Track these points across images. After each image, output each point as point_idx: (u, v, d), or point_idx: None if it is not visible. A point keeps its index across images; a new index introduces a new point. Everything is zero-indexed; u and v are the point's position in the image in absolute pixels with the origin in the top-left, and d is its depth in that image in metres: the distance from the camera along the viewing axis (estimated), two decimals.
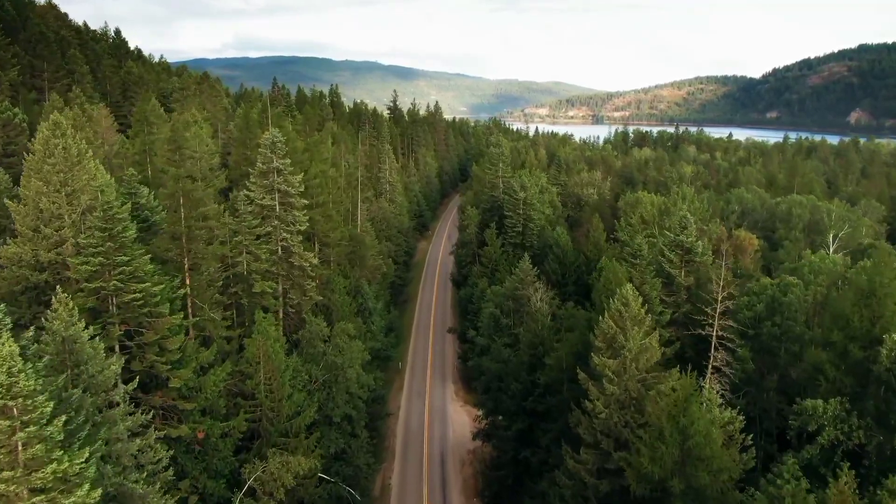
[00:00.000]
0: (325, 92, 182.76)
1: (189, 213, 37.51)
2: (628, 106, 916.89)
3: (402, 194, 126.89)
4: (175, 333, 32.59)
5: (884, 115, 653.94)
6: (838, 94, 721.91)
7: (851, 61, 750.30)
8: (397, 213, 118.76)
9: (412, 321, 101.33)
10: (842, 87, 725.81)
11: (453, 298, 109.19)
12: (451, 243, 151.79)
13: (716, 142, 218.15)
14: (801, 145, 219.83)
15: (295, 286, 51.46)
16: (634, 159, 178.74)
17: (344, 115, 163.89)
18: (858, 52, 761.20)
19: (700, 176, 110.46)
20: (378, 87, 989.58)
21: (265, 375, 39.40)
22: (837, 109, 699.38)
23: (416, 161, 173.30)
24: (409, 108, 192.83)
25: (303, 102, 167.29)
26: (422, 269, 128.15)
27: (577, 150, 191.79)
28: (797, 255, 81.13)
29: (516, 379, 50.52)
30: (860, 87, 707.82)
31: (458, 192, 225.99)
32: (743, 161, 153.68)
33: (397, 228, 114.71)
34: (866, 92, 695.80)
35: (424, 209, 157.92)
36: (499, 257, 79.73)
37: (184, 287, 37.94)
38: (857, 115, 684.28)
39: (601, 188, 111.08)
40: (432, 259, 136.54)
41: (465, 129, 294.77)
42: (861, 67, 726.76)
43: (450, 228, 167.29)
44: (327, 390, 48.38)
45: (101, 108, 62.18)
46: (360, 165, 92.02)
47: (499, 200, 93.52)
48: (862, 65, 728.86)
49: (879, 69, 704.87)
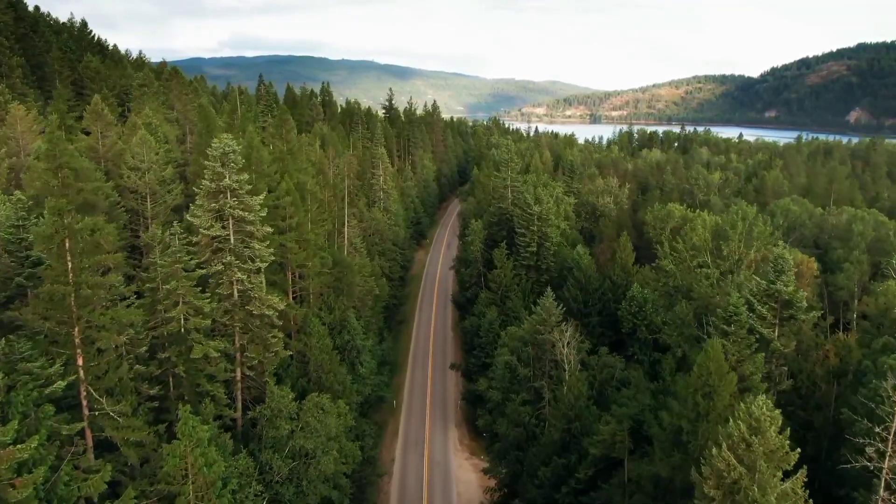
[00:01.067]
0: (316, 91, 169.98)
1: (79, 263, 25.14)
2: (626, 105, 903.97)
3: (397, 202, 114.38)
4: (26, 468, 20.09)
5: (884, 114, 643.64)
6: (837, 94, 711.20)
7: (850, 60, 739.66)
8: (392, 223, 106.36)
9: (408, 349, 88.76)
10: (841, 86, 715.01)
11: (454, 319, 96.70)
12: (452, 253, 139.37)
13: (727, 143, 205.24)
14: (817, 146, 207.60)
15: (255, 341, 38.92)
16: (646, 162, 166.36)
17: (335, 116, 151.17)
18: (857, 51, 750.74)
19: (730, 183, 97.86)
20: (374, 87, 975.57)
21: (195, 495, 27.04)
22: (836, 108, 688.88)
23: (413, 164, 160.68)
24: (405, 107, 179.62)
25: (292, 102, 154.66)
26: (419, 285, 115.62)
27: (584, 152, 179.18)
28: (858, 278, 69.00)
29: (544, 462, 38.29)
30: (859, 86, 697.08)
31: (457, 195, 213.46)
32: (764, 164, 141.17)
33: (392, 241, 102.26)
34: (865, 91, 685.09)
35: (422, 216, 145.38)
36: (509, 282, 67.34)
37: (73, 372, 25.49)
38: (857, 114, 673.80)
39: (618, 196, 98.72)
40: (430, 272, 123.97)
41: (463, 130, 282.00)
42: (860, 66, 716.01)
43: (449, 236, 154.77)
44: (295, 483, 36.12)
45: (17, 106, 49.53)
46: (345, 176, 79.36)
47: (507, 213, 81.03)
48: (861, 64, 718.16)
49: (878, 68, 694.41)
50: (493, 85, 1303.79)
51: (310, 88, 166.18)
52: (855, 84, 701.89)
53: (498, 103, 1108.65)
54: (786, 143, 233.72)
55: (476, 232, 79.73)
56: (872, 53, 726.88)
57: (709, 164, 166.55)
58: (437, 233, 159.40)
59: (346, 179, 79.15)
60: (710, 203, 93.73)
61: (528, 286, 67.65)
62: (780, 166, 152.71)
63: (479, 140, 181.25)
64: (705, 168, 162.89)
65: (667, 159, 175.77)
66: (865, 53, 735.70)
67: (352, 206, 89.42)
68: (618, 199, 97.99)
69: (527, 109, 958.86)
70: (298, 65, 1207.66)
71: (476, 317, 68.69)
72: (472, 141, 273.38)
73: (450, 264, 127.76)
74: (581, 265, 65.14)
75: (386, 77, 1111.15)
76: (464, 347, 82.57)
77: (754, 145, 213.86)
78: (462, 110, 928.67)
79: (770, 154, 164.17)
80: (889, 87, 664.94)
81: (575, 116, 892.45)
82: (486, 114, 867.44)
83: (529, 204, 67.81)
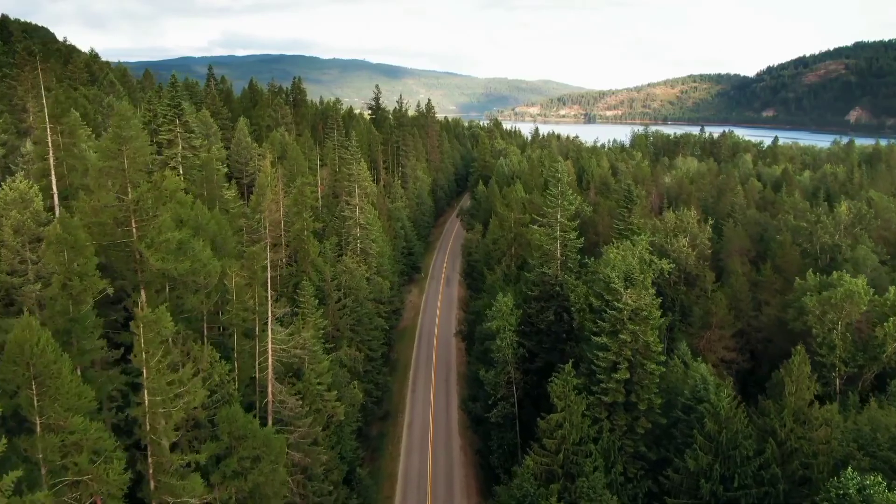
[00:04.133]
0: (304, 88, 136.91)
1: None
2: (621, 105, 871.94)
3: (381, 236, 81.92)
4: None
5: (885, 114, 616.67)
6: (836, 93, 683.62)
7: (848, 59, 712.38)
8: (374, 268, 74.11)
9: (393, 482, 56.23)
10: (839, 86, 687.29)
11: (461, 422, 64.18)
12: (453, 294, 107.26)
13: (774, 148, 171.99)
14: (865, 151, 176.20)
15: None
16: (682, 173, 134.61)
17: (306, 118, 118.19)
18: (855, 50, 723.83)
19: (865, 221, 64.86)
20: (366, 86, 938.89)
21: None
22: (836, 108, 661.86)
23: (404, 177, 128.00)
24: (394, 107, 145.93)
25: (251, 100, 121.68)
26: (411, 353, 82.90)
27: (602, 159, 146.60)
28: None
29: None
30: (858, 85, 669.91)
31: (454, 208, 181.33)
32: (848, 176, 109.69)
33: (374, 297, 69.98)
34: (865, 90, 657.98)
35: (415, 245, 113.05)
36: (579, 436, 35.12)
37: None
38: (857, 113, 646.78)
39: (698, 237, 66.65)
40: (426, 328, 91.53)
41: (460, 132, 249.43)
42: (858, 65, 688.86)
43: (448, 267, 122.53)
44: None
45: None
46: (282, 225, 45.99)
47: (555, 283, 48.90)
48: (859, 62, 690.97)
49: (877, 67, 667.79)
50: (485, 84, 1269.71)
51: (279, 85, 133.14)
52: (854, 83, 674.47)
53: (490, 103, 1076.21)
54: (829, 148, 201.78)
55: (502, 315, 46.66)
56: (870, 52, 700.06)
57: (759, 177, 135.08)
58: (433, 260, 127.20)
59: (276, 267, 46.20)
60: (840, 252, 61.72)
61: (615, 444, 35.48)
62: (856, 176, 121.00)
63: (482, 147, 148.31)
64: (753, 176, 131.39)
65: (707, 169, 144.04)
66: (863, 52, 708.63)
67: (305, 261, 56.81)
68: (697, 241, 66.00)
69: (520, 109, 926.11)
70: (289, 64, 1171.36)
71: (514, 488, 36.59)
72: (470, 144, 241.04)
73: (452, 313, 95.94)
74: (716, 410, 33.34)
75: (377, 76, 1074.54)
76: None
77: (803, 150, 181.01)
78: (454, 110, 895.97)
79: (859, 164, 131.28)
80: (889, 87, 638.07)
81: (569, 116, 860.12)
82: (479, 113, 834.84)
83: (613, 285, 35.49)
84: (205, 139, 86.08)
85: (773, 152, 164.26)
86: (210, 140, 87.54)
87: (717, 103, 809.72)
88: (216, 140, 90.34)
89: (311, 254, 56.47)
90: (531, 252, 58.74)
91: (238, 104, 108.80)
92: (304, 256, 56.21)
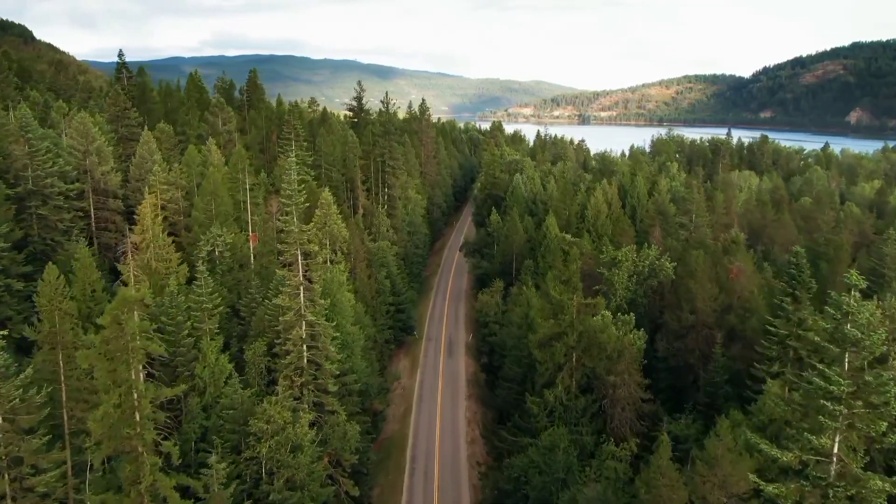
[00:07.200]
0: (247, 84, 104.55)
1: None
2: (615, 105, 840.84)
3: (349, 311, 50.58)
4: None
5: (886, 115, 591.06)
6: (835, 94, 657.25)
7: (846, 59, 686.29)
8: (341, 360, 42.96)
9: None
10: (838, 86, 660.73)
11: None
12: (457, 368, 75.91)
13: (858, 157, 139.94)
14: None
15: None
16: (751, 194, 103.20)
17: (257, 124, 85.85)
18: (852, 50, 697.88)
19: None
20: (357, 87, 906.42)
21: None
22: (835, 109, 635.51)
23: (391, 201, 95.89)
24: (380, 108, 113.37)
25: (191, 101, 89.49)
26: (400, 499, 51.65)
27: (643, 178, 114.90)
28: None
29: None
30: (858, 85, 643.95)
31: (453, 227, 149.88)
32: None
33: (333, 462, 39.01)
34: (865, 91, 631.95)
35: (405, 294, 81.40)
36: None
37: None
38: (858, 114, 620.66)
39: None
40: (423, 439, 59.83)
41: (457, 136, 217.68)
42: (857, 66, 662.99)
43: (450, 318, 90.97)
44: None
45: None
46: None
47: None
48: (858, 63, 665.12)
49: (876, 67, 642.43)
50: (477, 85, 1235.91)
51: (229, 80, 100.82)
52: (853, 84, 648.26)
53: (483, 103, 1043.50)
54: (874, 153, 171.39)
55: None
56: (868, 52, 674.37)
57: (842, 196, 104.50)
58: (430, 307, 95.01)
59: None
60: None
61: None
62: None
63: (491, 161, 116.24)
64: (835, 195, 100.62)
65: (772, 188, 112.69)
66: (861, 52, 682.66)
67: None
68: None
69: (513, 110, 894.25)
70: (280, 64, 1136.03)
71: None
72: (468, 150, 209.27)
73: (459, 410, 64.37)
74: None
75: (368, 77, 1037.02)
76: None
77: (854, 158, 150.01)
78: (446, 110, 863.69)
79: None
80: (890, 87, 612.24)
81: (563, 117, 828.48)
82: (471, 114, 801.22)
83: None
84: (81, 156, 54.26)
85: (850, 163, 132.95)
86: (88, 159, 55.49)
87: (713, 104, 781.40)
88: (106, 160, 58.16)
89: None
90: (602, 357, 27.61)
91: (159, 106, 76.58)
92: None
